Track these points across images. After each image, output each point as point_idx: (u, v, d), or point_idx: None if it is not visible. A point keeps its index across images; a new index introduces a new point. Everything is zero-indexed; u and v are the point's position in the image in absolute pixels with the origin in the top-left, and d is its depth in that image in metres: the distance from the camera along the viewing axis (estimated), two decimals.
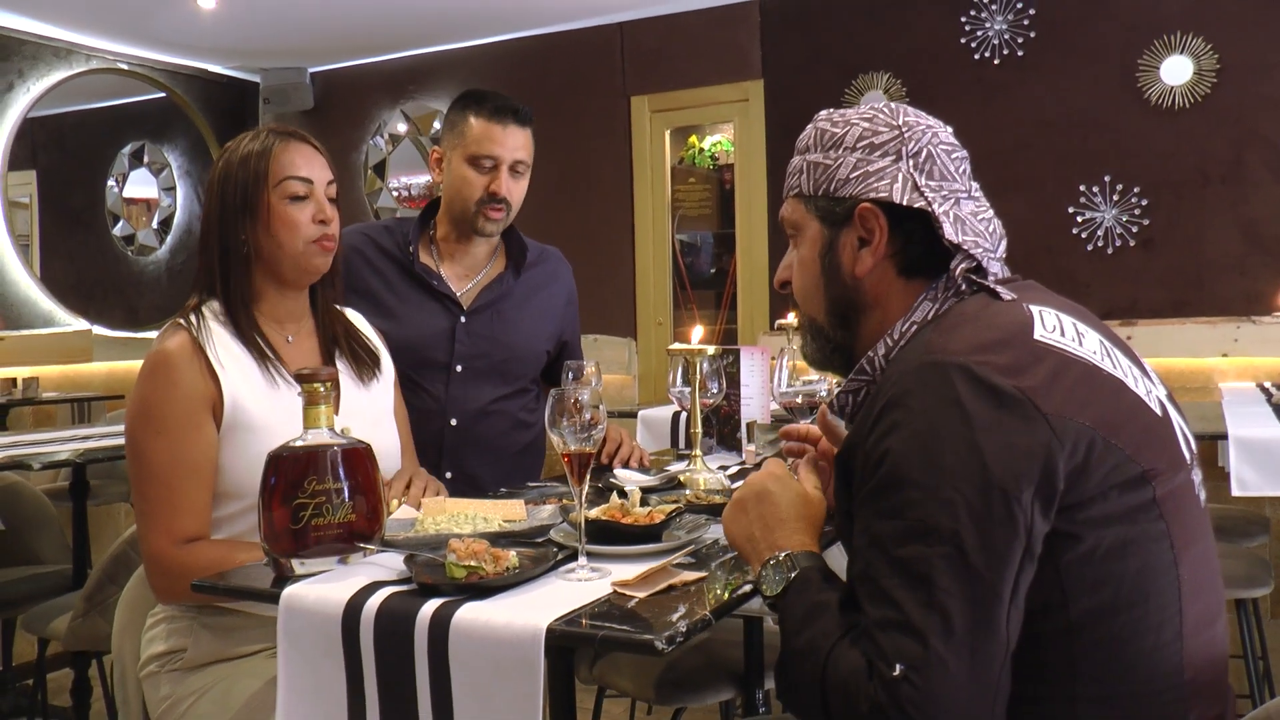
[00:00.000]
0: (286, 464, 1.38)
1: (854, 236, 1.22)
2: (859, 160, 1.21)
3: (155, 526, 1.65)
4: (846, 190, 1.22)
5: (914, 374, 1.06)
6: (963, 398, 1.01)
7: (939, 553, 0.98)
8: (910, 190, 1.19)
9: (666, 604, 1.17)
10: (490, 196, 2.18)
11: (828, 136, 1.25)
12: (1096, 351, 1.12)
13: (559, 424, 1.31)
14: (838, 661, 1.03)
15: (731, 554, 1.39)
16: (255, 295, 1.79)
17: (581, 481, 1.32)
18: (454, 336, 2.23)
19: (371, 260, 2.25)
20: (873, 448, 1.05)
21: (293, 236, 1.74)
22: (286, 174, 1.74)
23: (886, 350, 1.19)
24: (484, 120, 2.18)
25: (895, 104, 1.26)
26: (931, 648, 0.96)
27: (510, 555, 1.32)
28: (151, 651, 1.73)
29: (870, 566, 1.03)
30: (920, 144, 1.21)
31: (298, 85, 6.31)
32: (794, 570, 1.16)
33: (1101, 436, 1.02)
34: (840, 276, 1.24)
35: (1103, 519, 1.01)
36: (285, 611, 1.27)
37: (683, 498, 1.67)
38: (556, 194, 5.64)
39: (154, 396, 1.67)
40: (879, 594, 1.01)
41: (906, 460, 1.01)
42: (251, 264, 1.76)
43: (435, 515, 1.53)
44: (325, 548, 1.36)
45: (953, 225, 1.18)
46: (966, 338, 1.08)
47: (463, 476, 2.22)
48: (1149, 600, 1.03)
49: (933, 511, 0.99)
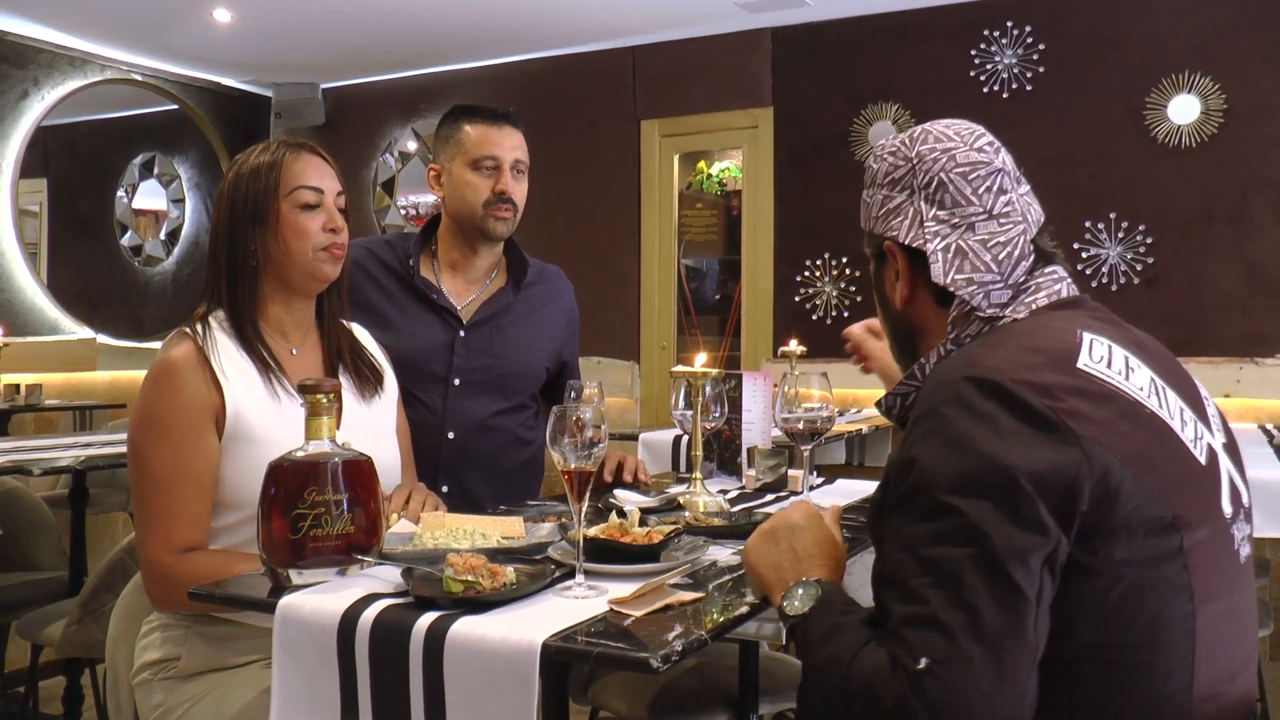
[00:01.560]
0: (287, 474, 1.38)
1: (891, 271, 1.28)
2: (884, 197, 1.26)
3: (154, 534, 1.65)
4: (878, 228, 1.27)
5: (950, 386, 1.07)
6: (996, 412, 1.03)
7: (968, 553, 0.98)
8: (916, 227, 1.22)
9: (663, 623, 1.17)
10: (497, 196, 2.21)
11: (869, 174, 1.30)
12: (1144, 388, 1.10)
13: (560, 441, 1.32)
14: (861, 665, 1.03)
15: (728, 576, 1.39)
16: (262, 306, 1.79)
17: (581, 499, 1.32)
18: (453, 350, 2.23)
19: (372, 273, 2.26)
20: (905, 455, 1.07)
21: (303, 244, 1.75)
22: (298, 183, 1.76)
23: (937, 359, 1.24)
24: (479, 125, 2.23)
25: (924, 127, 1.27)
26: (959, 643, 0.96)
27: (508, 571, 1.32)
28: (145, 659, 1.72)
29: (899, 568, 1.03)
30: (931, 173, 1.22)
31: (309, 100, 6.35)
32: (819, 591, 1.17)
33: (1131, 473, 1.01)
34: (890, 308, 1.30)
35: (1124, 559, 1.01)
36: (281, 621, 1.27)
37: (682, 519, 1.67)
38: (564, 215, 5.66)
39: (157, 404, 1.67)
40: (906, 592, 1.01)
41: (936, 466, 1.03)
42: (260, 273, 1.77)
43: (434, 530, 1.53)
44: (323, 559, 1.36)
45: (947, 264, 1.21)
46: (1009, 355, 1.09)
47: (460, 491, 2.23)
48: (1159, 649, 1.02)
49: (962, 514, 1.00)
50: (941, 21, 5.03)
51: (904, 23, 5.12)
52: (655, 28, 5.46)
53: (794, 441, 1.94)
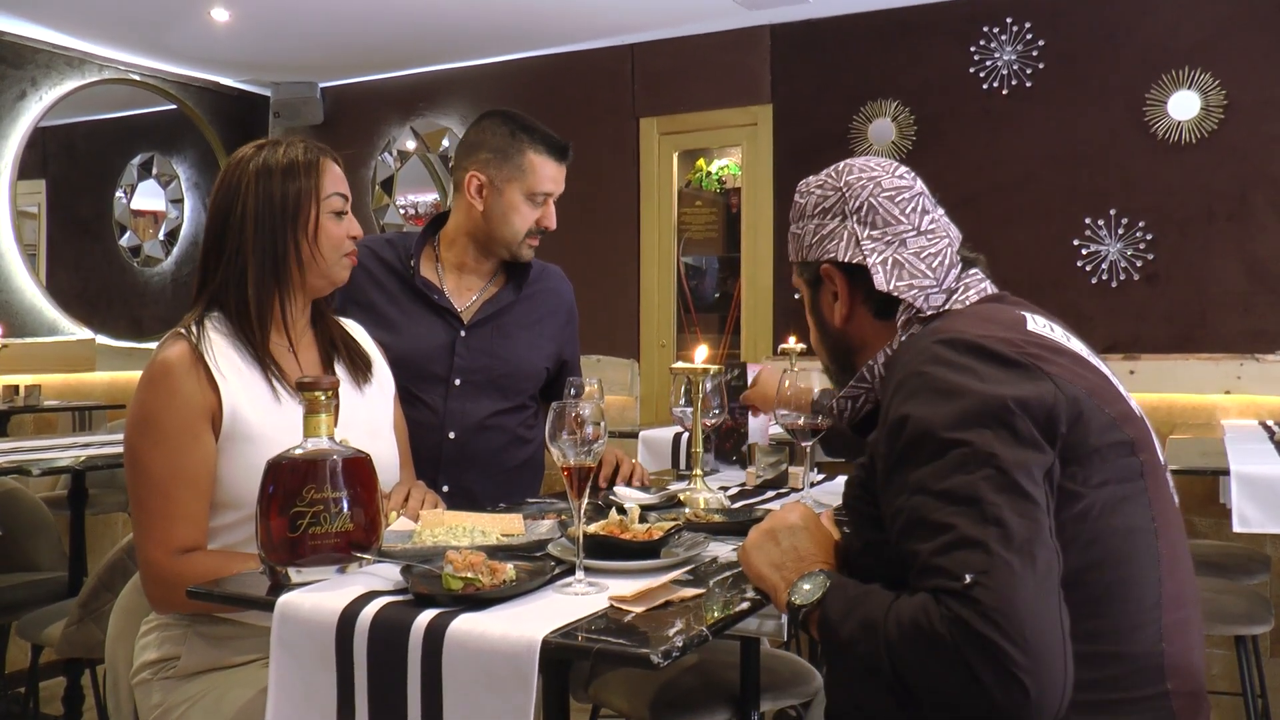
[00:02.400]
0: (285, 472, 1.37)
1: (828, 293, 1.38)
2: (817, 225, 1.37)
3: (152, 535, 1.64)
4: (812, 254, 1.38)
5: (923, 351, 1.16)
6: (972, 362, 1.12)
7: (981, 475, 1.04)
8: (852, 246, 1.33)
9: (663, 619, 1.17)
10: (540, 229, 2.26)
11: (796, 208, 1.41)
12: (1082, 350, 1.25)
13: (559, 438, 1.31)
14: (899, 615, 1.04)
15: (729, 572, 1.38)
16: (269, 304, 1.78)
17: (580, 496, 1.31)
18: (454, 350, 2.23)
19: (373, 273, 2.25)
20: (894, 417, 1.13)
21: (334, 249, 1.79)
22: (335, 189, 1.80)
23: (886, 359, 1.32)
24: (545, 157, 2.23)
25: (846, 162, 1.39)
26: (995, 553, 1.00)
27: (507, 568, 1.31)
28: (145, 659, 1.72)
29: (916, 510, 1.07)
30: (860, 199, 1.34)
31: (308, 99, 6.35)
32: (827, 578, 1.18)
33: (1095, 404, 1.13)
34: (828, 329, 1.40)
35: (1100, 481, 1.11)
36: (280, 619, 1.26)
37: (682, 516, 1.66)
38: (563, 213, 5.63)
39: (153, 406, 1.67)
40: (930, 526, 1.05)
41: (931, 413, 1.09)
42: (279, 272, 1.76)
43: (433, 527, 1.52)
44: (322, 557, 1.36)
45: (887, 274, 1.32)
46: (967, 325, 1.21)
47: (460, 491, 2.22)
48: (1132, 561, 1.12)
49: (967, 443, 1.06)
50: (941, 18, 5.02)
51: (903, 19, 5.11)
52: (654, 25, 5.46)
53: (794, 438, 1.94)
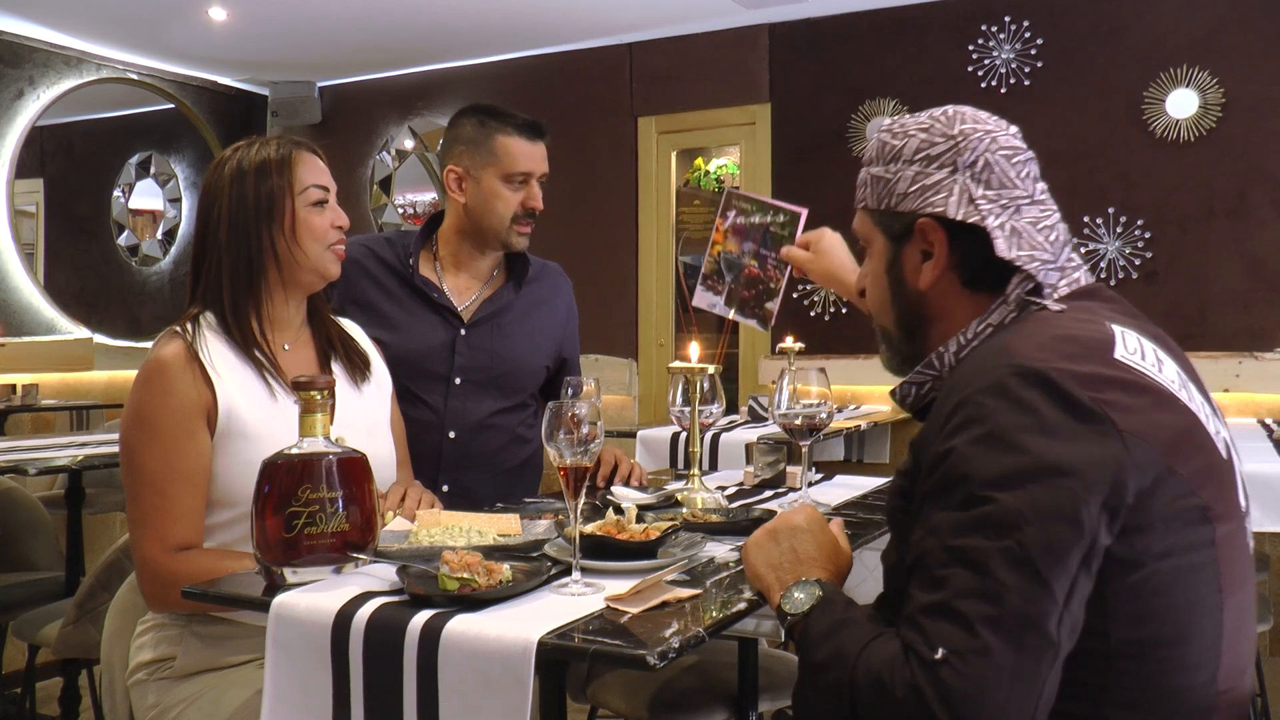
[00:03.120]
0: (280, 472, 1.37)
1: (916, 250, 1.22)
2: (916, 173, 1.21)
3: (147, 534, 1.64)
4: (906, 204, 1.22)
5: (989, 374, 1.05)
6: (1039, 403, 1.00)
7: (999, 546, 0.96)
8: (966, 204, 1.18)
9: (660, 620, 1.16)
10: (527, 212, 2.23)
11: (887, 149, 1.25)
12: (1174, 381, 1.10)
13: (556, 437, 1.31)
14: (869, 657, 1.02)
15: (726, 572, 1.38)
16: (260, 304, 1.79)
17: (577, 496, 1.31)
18: (454, 349, 2.22)
19: (371, 272, 2.25)
20: (941, 444, 1.05)
21: (316, 242, 1.77)
22: (310, 181, 1.77)
23: (959, 348, 1.20)
24: (515, 138, 2.21)
25: (955, 109, 1.24)
26: (979, 634, 0.94)
27: (504, 568, 1.31)
28: (140, 659, 1.71)
29: (926, 555, 1.01)
30: (977, 153, 1.19)
31: (306, 99, 6.34)
32: (820, 591, 1.16)
33: (1169, 465, 1.01)
34: (905, 290, 1.25)
35: (1162, 551, 1.00)
36: (275, 620, 1.26)
37: (679, 515, 1.66)
38: (561, 212, 5.65)
39: (148, 404, 1.67)
40: (930, 580, 1.00)
41: (975, 457, 1.00)
42: (266, 271, 1.76)
43: (429, 528, 1.52)
44: (318, 557, 1.35)
45: (1007, 239, 1.17)
46: (1046, 344, 1.06)
47: (460, 490, 2.22)
48: (1190, 641, 1.02)
49: (999, 506, 0.97)
50: (939, 16, 5.02)
51: (901, 18, 5.10)
52: (652, 24, 5.45)
53: (793, 438, 1.93)
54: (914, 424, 4.07)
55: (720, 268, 2.04)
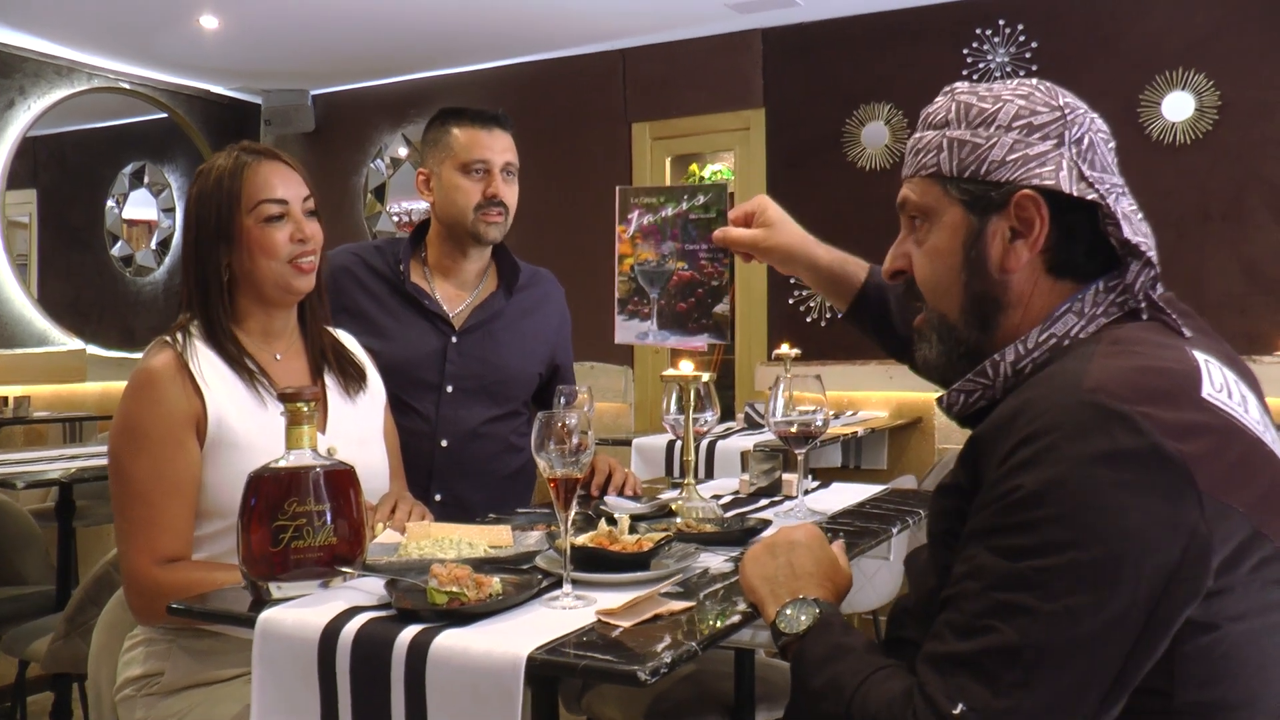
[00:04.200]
0: (267, 485, 1.35)
1: (1006, 227, 1.09)
2: (1016, 141, 1.08)
3: (135, 545, 1.62)
4: (1003, 173, 1.08)
5: (1066, 410, 0.93)
6: (1119, 454, 0.90)
7: (1046, 610, 0.89)
8: (1077, 179, 1.06)
9: (652, 634, 1.14)
10: (488, 200, 2.19)
11: (975, 112, 1.11)
12: (1260, 421, 1.02)
13: (546, 448, 1.28)
14: (867, 696, 0.98)
15: (720, 585, 1.36)
16: (240, 315, 1.78)
17: (567, 508, 1.28)
18: (445, 356, 2.21)
19: (361, 280, 2.23)
20: (1005, 478, 0.94)
21: (271, 259, 1.73)
22: (261, 196, 1.73)
23: (1017, 358, 1.08)
24: (468, 128, 2.22)
25: (1045, 83, 1.14)
26: (1003, 698, 0.88)
27: (493, 581, 1.29)
28: (128, 674, 1.69)
29: (965, 598, 0.94)
30: (1083, 129, 1.09)
31: (299, 107, 6.32)
32: (818, 611, 1.12)
33: (1254, 525, 0.92)
34: (986, 270, 1.10)
35: (1238, 614, 0.93)
36: (261, 636, 1.23)
37: (673, 526, 1.64)
38: (555, 219, 5.63)
39: (137, 414, 1.65)
40: (963, 627, 0.93)
41: (1040, 505, 0.91)
42: (234, 287, 1.76)
43: (419, 540, 1.50)
44: (305, 571, 1.33)
45: (1124, 221, 1.05)
46: (1130, 379, 0.95)
47: (452, 499, 2.20)
48: (1257, 704, 0.95)
49: (1052, 567, 0.89)
50: (933, 21, 5.01)
51: (895, 22, 5.09)
52: (644, 30, 5.44)
53: (788, 445, 1.91)
54: (912, 430, 4.06)
55: (639, 284, 1.62)
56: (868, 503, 2.06)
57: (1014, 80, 1.14)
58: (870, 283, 1.64)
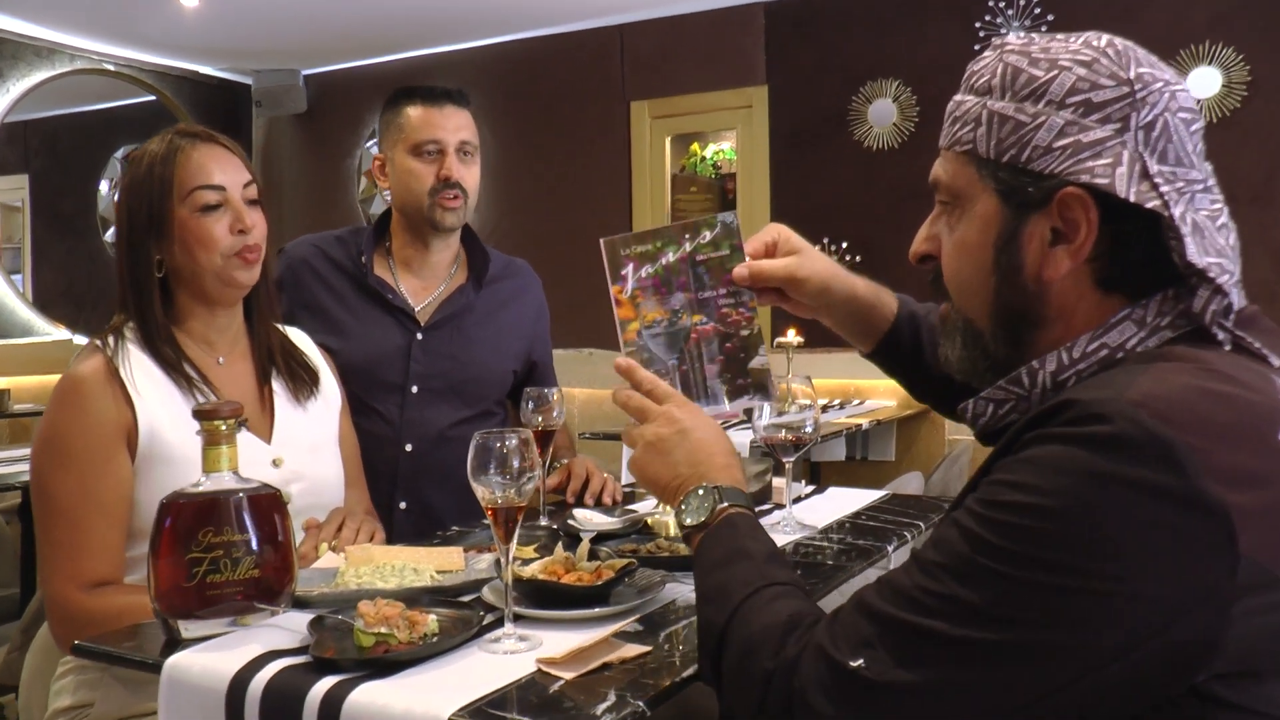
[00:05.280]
0: (180, 512, 1.21)
1: (1046, 228, 0.90)
2: (1068, 123, 0.88)
3: (58, 569, 1.50)
4: (1048, 164, 0.89)
5: (1104, 419, 0.77)
6: (1147, 486, 0.75)
7: (993, 618, 0.78)
8: (1138, 179, 0.87)
9: (595, 687, 1.00)
10: (443, 183, 2.05)
11: (1024, 80, 0.91)
12: None
13: (484, 472, 1.14)
14: (749, 614, 0.92)
15: (685, 622, 1.21)
16: (179, 316, 1.65)
17: (509, 539, 1.14)
18: (410, 354, 2.06)
19: (321, 273, 2.09)
20: (1013, 466, 0.82)
21: (209, 252, 1.59)
22: (195, 183, 1.59)
23: (1059, 369, 0.92)
24: (419, 107, 2.08)
25: (1119, 40, 0.93)
26: (906, 673, 0.81)
27: (428, 620, 1.15)
28: (57, 705, 1.57)
29: (921, 565, 0.84)
30: (1156, 111, 0.88)
31: (290, 88, 6.17)
32: (722, 503, 1.06)
33: None
34: (1020, 278, 0.92)
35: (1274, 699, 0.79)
36: (168, 683, 1.11)
37: (642, 548, 1.49)
38: (553, 201, 5.49)
39: (61, 426, 1.53)
40: (904, 592, 0.84)
41: (1034, 511, 0.78)
42: (172, 284, 1.62)
43: (358, 566, 1.36)
44: (221, 608, 1.20)
45: (1192, 237, 0.87)
46: (1188, 401, 0.79)
47: (419, 507, 2.06)
48: None
49: (1020, 582, 0.77)
50: None
51: None
52: (643, 5, 5.27)
53: (775, 454, 1.77)
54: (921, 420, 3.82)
55: (652, 352, 1.29)
56: (864, 512, 1.91)
57: (1078, 37, 0.93)
58: (904, 313, 1.38)
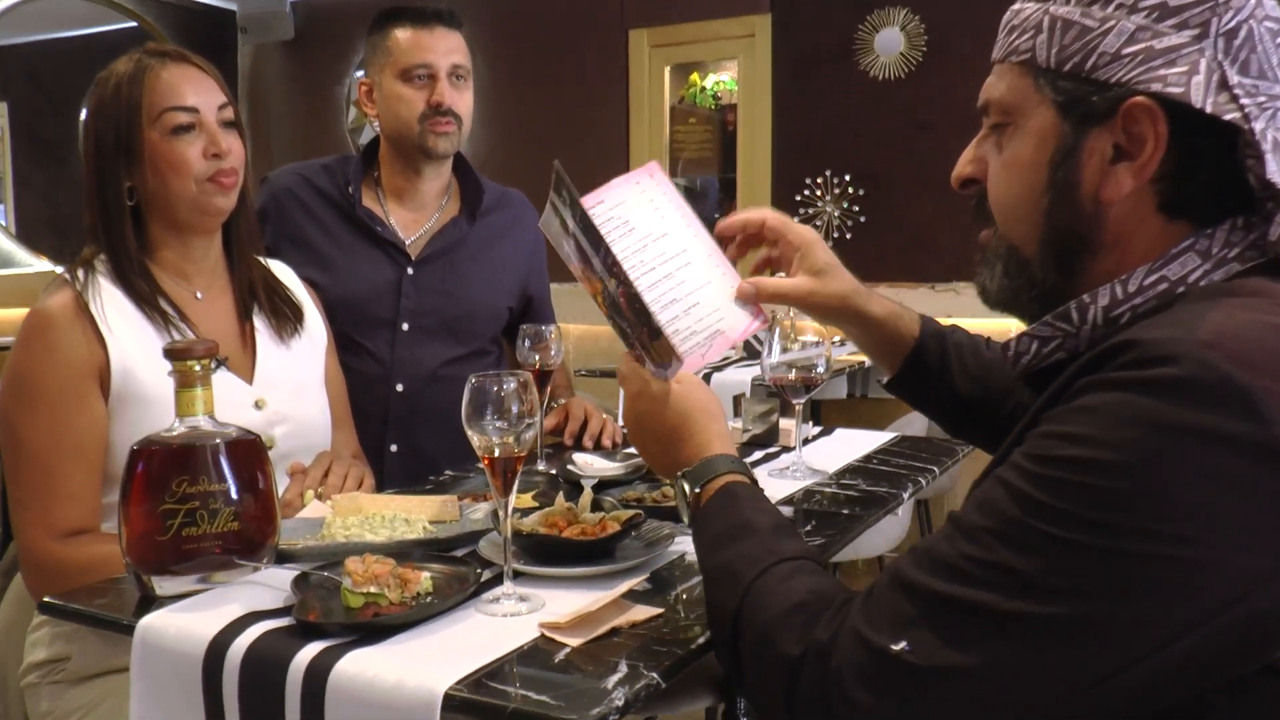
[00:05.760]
0: (152, 460, 1.12)
1: (1108, 143, 0.83)
2: (1140, 28, 0.81)
3: (31, 518, 1.43)
4: (1114, 72, 0.82)
5: (1171, 361, 0.70)
6: (1222, 436, 0.67)
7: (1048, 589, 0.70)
8: (1216, 89, 0.79)
9: (605, 656, 0.92)
10: (434, 109, 1.93)
11: None
12: None
13: (479, 418, 1.05)
14: (763, 594, 0.86)
15: (697, 579, 1.13)
16: (153, 247, 1.55)
17: (507, 491, 1.05)
18: (400, 290, 1.96)
19: (307, 204, 1.99)
20: (1068, 416, 0.74)
21: (182, 178, 1.49)
22: (166, 104, 1.49)
23: (1113, 303, 0.84)
24: (408, 29, 1.95)
25: None
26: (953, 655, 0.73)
27: (421, 578, 1.07)
28: (33, 659, 1.50)
29: (964, 530, 0.76)
30: (1240, 17, 0.80)
31: (277, 14, 5.96)
32: (721, 475, 1.01)
33: None
34: (1076, 197, 0.85)
35: None
36: (141, 646, 1.03)
37: (648, 496, 1.41)
38: (548, 132, 5.34)
39: (30, 365, 1.44)
40: (947, 562, 0.76)
41: (1094, 466, 0.70)
42: (143, 213, 1.52)
43: (345, 516, 1.27)
44: (199, 563, 1.11)
45: (1274, 155, 0.79)
46: (1266, 340, 0.71)
47: (410, 450, 1.98)
48: None
49: (1078, 545, 0.70)
50: None
51: None
52: None
53: (784, 394, 1.68)
54: None
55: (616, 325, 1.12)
56: (874, 456, 1.83)
57: None
58: (927, 331, 1.30)
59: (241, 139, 1.57)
